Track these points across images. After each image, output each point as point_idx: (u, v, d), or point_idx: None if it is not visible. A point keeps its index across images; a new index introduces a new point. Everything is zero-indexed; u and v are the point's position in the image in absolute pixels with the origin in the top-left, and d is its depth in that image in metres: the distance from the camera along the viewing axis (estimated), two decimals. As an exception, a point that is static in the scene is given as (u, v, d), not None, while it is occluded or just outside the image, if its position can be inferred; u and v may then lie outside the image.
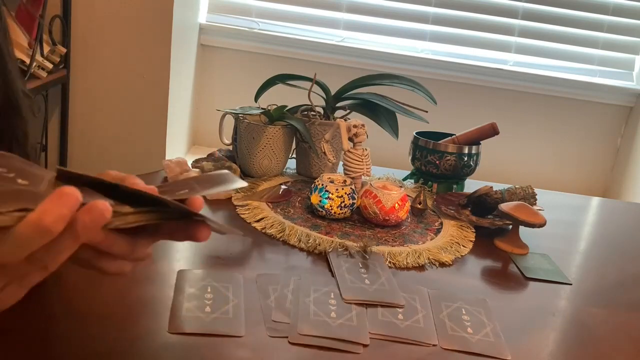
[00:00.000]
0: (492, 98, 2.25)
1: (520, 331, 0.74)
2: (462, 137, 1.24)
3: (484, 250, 0.97)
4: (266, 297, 0.73)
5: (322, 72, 1.37)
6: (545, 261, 0.95)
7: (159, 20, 1.85)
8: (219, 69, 2.24)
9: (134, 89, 1.90)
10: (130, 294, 0.71)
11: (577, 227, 1.18)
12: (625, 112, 2.28)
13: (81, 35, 1.85)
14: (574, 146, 2.31)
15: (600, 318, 0.80)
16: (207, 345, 0.63)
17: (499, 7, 2.18)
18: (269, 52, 2.20)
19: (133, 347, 0.61)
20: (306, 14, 2.20)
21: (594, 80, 2.24)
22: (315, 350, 0.64)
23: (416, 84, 1.25)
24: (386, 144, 1.37)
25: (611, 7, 2.18)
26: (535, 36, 2.21)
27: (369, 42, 2.21)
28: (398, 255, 0.89)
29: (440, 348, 0.68)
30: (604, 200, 1.49)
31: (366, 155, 1.08)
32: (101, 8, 1.84)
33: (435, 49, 2.22)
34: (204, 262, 0.81)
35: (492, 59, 2.23)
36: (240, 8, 2.19)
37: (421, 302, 0.77)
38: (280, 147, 1.15)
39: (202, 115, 2.30)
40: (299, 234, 0.92)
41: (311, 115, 1.22)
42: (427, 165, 1.21)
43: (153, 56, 1.88)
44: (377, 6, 2.19)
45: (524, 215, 0.95)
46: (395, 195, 0.99)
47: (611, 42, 2.23)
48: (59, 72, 1.78)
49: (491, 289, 0.84)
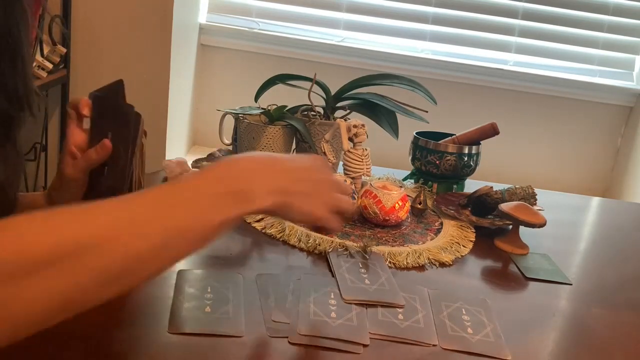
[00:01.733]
0: (492, 98, 2.25)
1: (520, 331, 0.74)
2: (462, 137, 1.24)
3: (484, 250, 0.97)
4: (266, 297, 0.73)
5: (322, 72, 1.37)
6: (545, 261, 0.95)
7: (159, 20, 1.85)
8: (219, 69, 2.24)
9: (134, 89, 1.90)
10: (130, 294, 0.71)
11: (577, 227, 1.18)
12: (625, 112, 2.27)
13: (81, 35, 1.85)
14: (574, 146, 2.31)
15: (600, 318, 0.80)
16: (207, 345, 0.63)
17: (499, 7, 2.18)
18: (269, 52, 2.20)
19: (133, 347, 0.61)
20: (306, 14, 2.20)
21: (594, 80, 2.24)
22: (315, 350, 0.64)
23: (416, 84, 1.25)
24: (386, 144, 1.36)
25: (611, 7, 2.18)
26: (535, 36, 2.21)
27: (369, 42, 2.21)
28: (398, 255, 0.89)
29: (440, 348, 0.68)
30: (604, 200, 1.49)
31: (366, 155, 1.08)
32: (101, 8, 1.84)
33: (435, 49, 2.22)
34: (204, 262, 0.80)
35: (492, 59, 2.23)
36: (240, 8, 2.19)
37: (421, 302, 0.77)
38: (280, 147, 1.15)
39: (202, 115, 2.30)
40: (299, 234, 0.92)
41: (311, 115, 1.22)
42: (427, 165, 1.21)
43: (153, 56, 1.88)
44: (377, 6, 2.19)
45: (524, 215, 0.95)
46: (395, 195, 0.99)
47: (611, 42, 2.23)
48: (59, 72, 1.78)
49: (491, 289, 0.84)
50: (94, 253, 0.45)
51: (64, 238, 0.44)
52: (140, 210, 0.49)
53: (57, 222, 0.46)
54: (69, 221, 0.46)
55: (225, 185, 0.54)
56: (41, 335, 0.61)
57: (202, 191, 0.53)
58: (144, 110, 0.75)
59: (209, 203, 0.53)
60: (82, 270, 0.44)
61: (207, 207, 0.52)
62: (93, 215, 0.47)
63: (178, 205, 0.51)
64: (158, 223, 0.49)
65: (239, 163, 0.58)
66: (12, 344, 0.58)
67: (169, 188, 0.55)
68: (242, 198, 0.55)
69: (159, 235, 0.49)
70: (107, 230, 0.46)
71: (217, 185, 0.54)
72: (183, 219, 0.51)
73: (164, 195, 0.52)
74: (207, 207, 0.52)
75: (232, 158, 0.58)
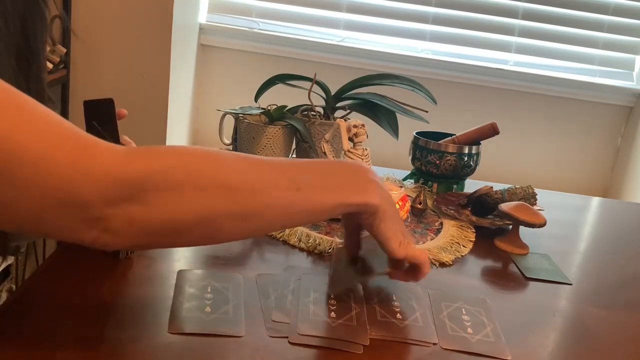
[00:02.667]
0: (492, 98, 2.25)
1: (520, 331, 0.74)
2: (462, 137, 1.24)
3: (484, 250, 0.97)
4: (266, 297, 0.73)
5: (322, 72, 1.37)
6: (545, 261, 0.95)
7: (159, 20, 1.85)
8: (219, 69, 2.24)
9: (134, 89, 1.90)
10: (130, 294, 0.71)
11: (577, 227, 1.18)
12: (625, 112, 2.27)
13: (81, 35, 1.84)
14: (574, 146, 2.31)
15: (600, 318, 0.80)
16: (207, 345, 0.63)
17: (499, 7, 2.18)
18: (269, 52, 2.20)
19: (133, 347, 0.61)
20: (306, 14, 2.20)
21: (594, 80, 2.24)
22: (315, 350, 0.64)
23: (416, 84, 1.25)
24: (386, 144, 1.36)
25: (611, 7, 2.18)
26: (536, 36, 2.21)
27: (369, 42, 2.21)
28: (398, 255, 0.89)
29: (440, 348, 0.68)
30: (604, 200, 1.49)
31: (366, 155, 1.08)
32: (101, 8, 1.84)
33: (435, 49, 2.22)
34: (204, 262, 0.81)
35: (493, 59, 2.23)
36: (240, 8, 2.19)
37: (421, 302, 0.77)
38: (280, 147, 1.15)
39: (202, 115, 2.29)
40: (299, 234, 0.92)
41: (311, 115, 1.22)
42: (427, 165, 1.21)
43: (153, 56, 1.88)
44: (377, 6, 2.19)
45: (524, 215, 0.95)
46: (395, 195, 0.99)
47: (611, 42, 2.23)
48: (59, 72, 1.78)
49: (491, 289, 0.84)
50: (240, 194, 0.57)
51: (222, 177, 0.57)
52: (284, 169, 0.62)
53: (224, 163, 0.58)
54: (232, 168, 0.58)
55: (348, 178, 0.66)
56: (41, 335, 0.61)
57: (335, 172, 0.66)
58: (144, 110, 0.76)
59: (335, 185, 0.64)
60: (226, 202, 0.56)
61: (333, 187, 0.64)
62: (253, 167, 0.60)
63: (312, 173, 0.64)
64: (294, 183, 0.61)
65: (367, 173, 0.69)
66: (17, 342, 0.58)
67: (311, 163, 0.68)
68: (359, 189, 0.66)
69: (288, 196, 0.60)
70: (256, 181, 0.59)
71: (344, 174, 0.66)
72: (313, 185, 0.62)
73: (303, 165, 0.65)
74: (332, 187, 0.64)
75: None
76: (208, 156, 0.57)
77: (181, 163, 0.55)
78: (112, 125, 0.76)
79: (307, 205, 0.62)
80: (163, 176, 0.53)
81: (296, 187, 0.60)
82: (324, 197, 0.62)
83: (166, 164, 0.54)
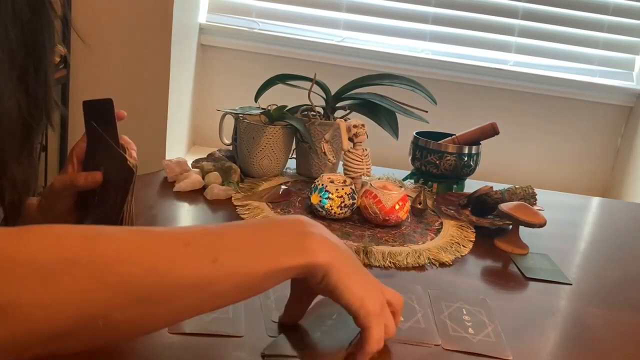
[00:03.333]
0: (492, 98, 2.25)
1: (520, 331, 0.74)
2: (462, 137, 1.24)
3: (484, 250, 0.97)
4: (266, 297, 0.73)
5: (322, 72, 1.37)
6: (545, 261, 0.95)
7: (159, 20, 1.85)
8: (219, 69, 2.24)
9: (134, 89, 1.90)
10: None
11: (577, 227, 1.18)
12: (625, 112, 2.28)
13: (81, 35, 1.84)
14: (574, 146, 2.31)
15: (600, 318, 0.80)
16: (207, 345, 0.63)
17: (499, 7, 2.18)
18: (269, 52, 2.20)
19: (133, 347, 0.61)
20: (306, 14, 2.20)
21: (594, 80, 2.24)
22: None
23: (416, 84, 1.25)
24: (386, 144, 1.36)
25: (611, 7, 2.18)
26: (535, 36, 2.21)
27: (369, 42, 2.21)
28: (398, 255, 0.89)
29: (441, 348, 0.68)
30: (604, 200, 1.49)
31: (366, 155, 1.08)
32: (101, 8, 1.84)
33: (435, 49, 2.23)
34: (204, 262, 0.80)
35: (492, 59, 2.23)
36: (240, 8, 2.19)
37: (421, 302, 0.77)
38: (280, 147, 1.15)
39: (202, 115, 2.30)
40: (299, 234, 0.92)
41: (311, 115, 1.22)
42: (427, 165, 1.21)
43: (153, 56, 1.88)
44: (377, 6, 2.19)
45: (524, 215, 0.95)
46: (395, 195, 0.99)
47: (611, 42, 2.23)
48: (59, 72, 1.78)
49: (491, 289, 0.84)
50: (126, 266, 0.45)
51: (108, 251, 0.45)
52: (191, 239, 0.49)
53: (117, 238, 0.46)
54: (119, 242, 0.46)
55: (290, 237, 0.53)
56: (41, 335, 0.61)
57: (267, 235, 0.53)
58: (144, 110, 0.76)
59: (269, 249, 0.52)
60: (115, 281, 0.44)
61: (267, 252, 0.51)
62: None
63: (232, 237, 0.51)
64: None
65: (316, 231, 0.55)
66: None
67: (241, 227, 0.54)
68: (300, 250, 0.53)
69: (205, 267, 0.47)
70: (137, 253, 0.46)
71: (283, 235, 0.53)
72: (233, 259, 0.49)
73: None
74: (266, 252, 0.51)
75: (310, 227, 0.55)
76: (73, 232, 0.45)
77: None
78: (112, 126, 0.76)
79: (228, 280, 0.48)
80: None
81: (211, 258, 0.48)
82: (249, 265, 0.49)
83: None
